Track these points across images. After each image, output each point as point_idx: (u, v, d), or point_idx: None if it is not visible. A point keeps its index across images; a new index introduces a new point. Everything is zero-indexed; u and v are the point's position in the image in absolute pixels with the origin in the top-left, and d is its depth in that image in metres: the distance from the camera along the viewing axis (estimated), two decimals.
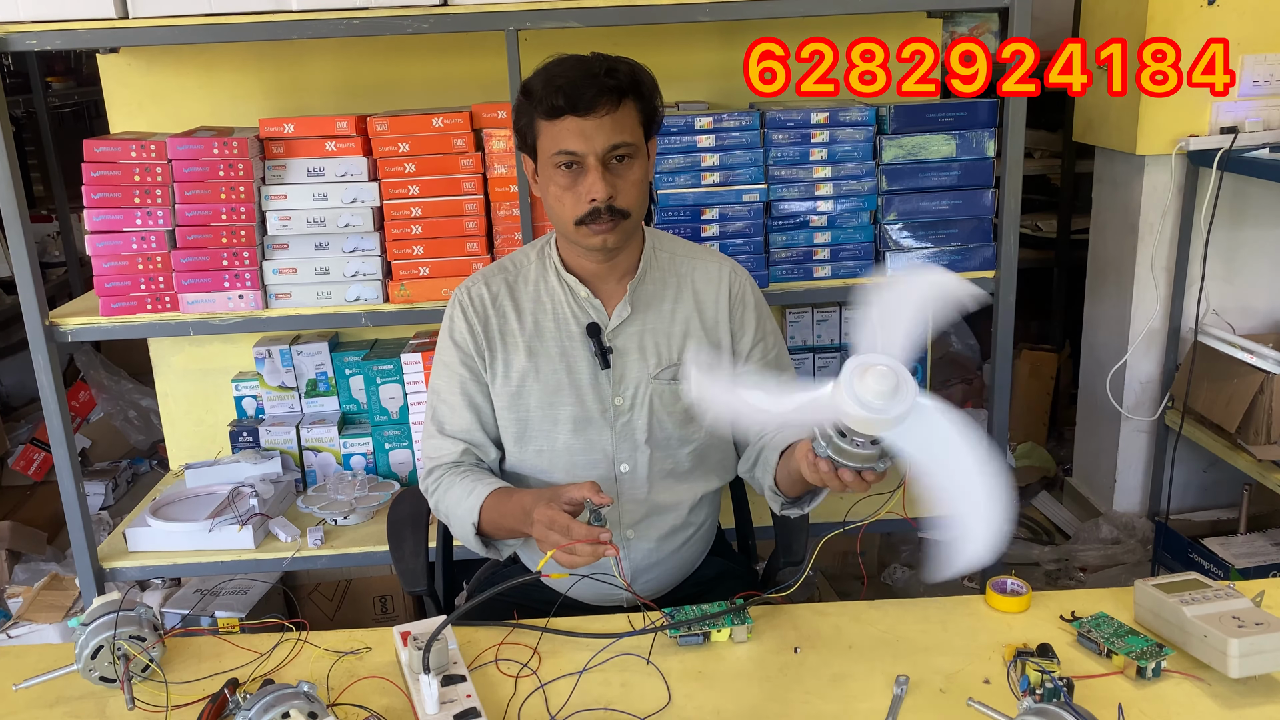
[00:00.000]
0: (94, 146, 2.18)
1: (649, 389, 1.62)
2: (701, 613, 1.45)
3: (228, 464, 2.50)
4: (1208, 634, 1.28)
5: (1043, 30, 3.72)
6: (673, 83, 2.47)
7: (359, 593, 2.83)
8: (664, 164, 2.23)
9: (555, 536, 1.36)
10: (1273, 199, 2.90)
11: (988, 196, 2.26)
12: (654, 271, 1.65)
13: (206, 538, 2.30)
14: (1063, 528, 3.30)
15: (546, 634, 1.45)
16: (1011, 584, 1.49)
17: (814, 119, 2.24)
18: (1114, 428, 3.14)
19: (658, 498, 1.66)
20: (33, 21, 2.06)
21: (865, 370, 1.15)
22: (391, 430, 2.54)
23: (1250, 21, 2.77)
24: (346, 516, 2.37)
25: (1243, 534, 2.87)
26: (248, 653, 1.44)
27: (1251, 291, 2.98)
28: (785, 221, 2.27)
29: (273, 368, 2.58)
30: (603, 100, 1.47)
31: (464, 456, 1.64)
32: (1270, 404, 2.59)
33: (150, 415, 3.83)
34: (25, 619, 2.58)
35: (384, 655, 1.43)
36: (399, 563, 1.72)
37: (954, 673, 1.35)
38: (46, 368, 2.18)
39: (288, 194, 2.23)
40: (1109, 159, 3.12)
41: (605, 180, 1.49)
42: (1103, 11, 3.02)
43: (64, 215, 4.42)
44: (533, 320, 1.63)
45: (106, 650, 1.34)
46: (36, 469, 3.67)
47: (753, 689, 1.34)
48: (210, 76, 2.56)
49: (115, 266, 2.21)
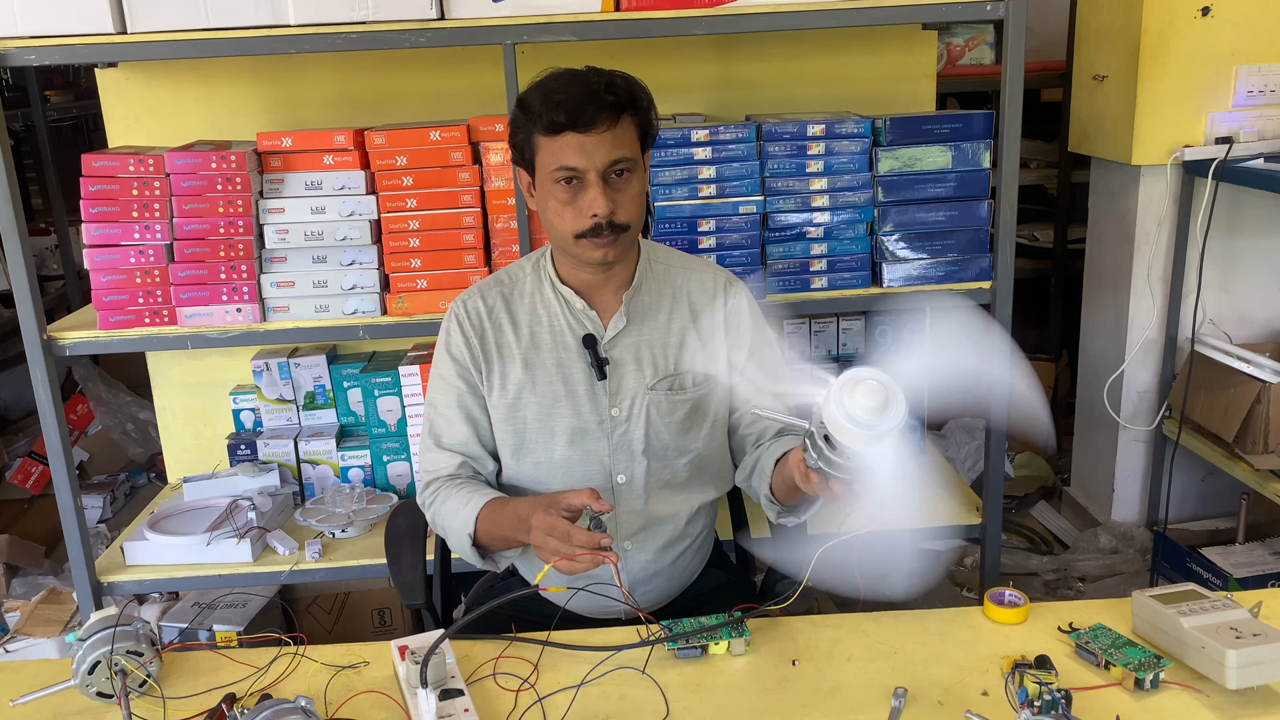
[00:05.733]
0: (92, 160, 2.18)
1: (645, 400, 1.62)
2: (699, 625, 1.45)
3: (226, 477, 2.50)
4: (1205, 645, 1.28)
5: (1038, 41, 3.75)
6: (669, 95, 2.49)
7: (357, 606, 2.82)
8: (660, 176, 2.24)
9: (554, 543, 1.36)
10: (1268, 208, 2.91)
11: (984, 207, 2.27)
12: (650, 283, 1.65)
13: (204, 551, 2.30)
14: (1061, 538, 3.30)
15: (544, 647, 1.45)
16: (1009, 595, 1.50)
17: (810, 131, 2.25)
18: (1112, 437, 3.14)
19: (655, 509, 1.66)
20: (31, 36, 2.07)
21: (855, 385, 1.15)
22: (389, 443, 2.54)
23: (1245, 32, 2.78)
24: (344, 529, 2.37)
25: (1241, 543, 2.87)
26: (245, 667, 1.43)
27: (1248, 301, 2.99)
28: (782, 233, 2.28)
29: (270, 381, 2.59)
30: (603, 116, 1.48)
31: (461, 469, 1.64)
32: (1267, 413, 2.59)
33: (148, 428, 3.83)
34: (22, 633, 2.58)
35: (382, 669, 1.43)
36: (397, 576, 1.72)
37: (952, 685, 1.35)
38: (44, 381, 2.18)
39: (285, 207, 2.24)
40: (1105, 169, 3.13)
41: (606, 195, 1.50)
42: (1098, 22, 3.03)
43: (62, 229, 4.43)
44: (529, 333, 1.63)
45: (104, 665, 1.34)
46: (34, 482, 3.66)
47: (751, 702, 1.33)
48: (208, 90, 2.57)
49: (113, 280, 2.22)
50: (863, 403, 1.14)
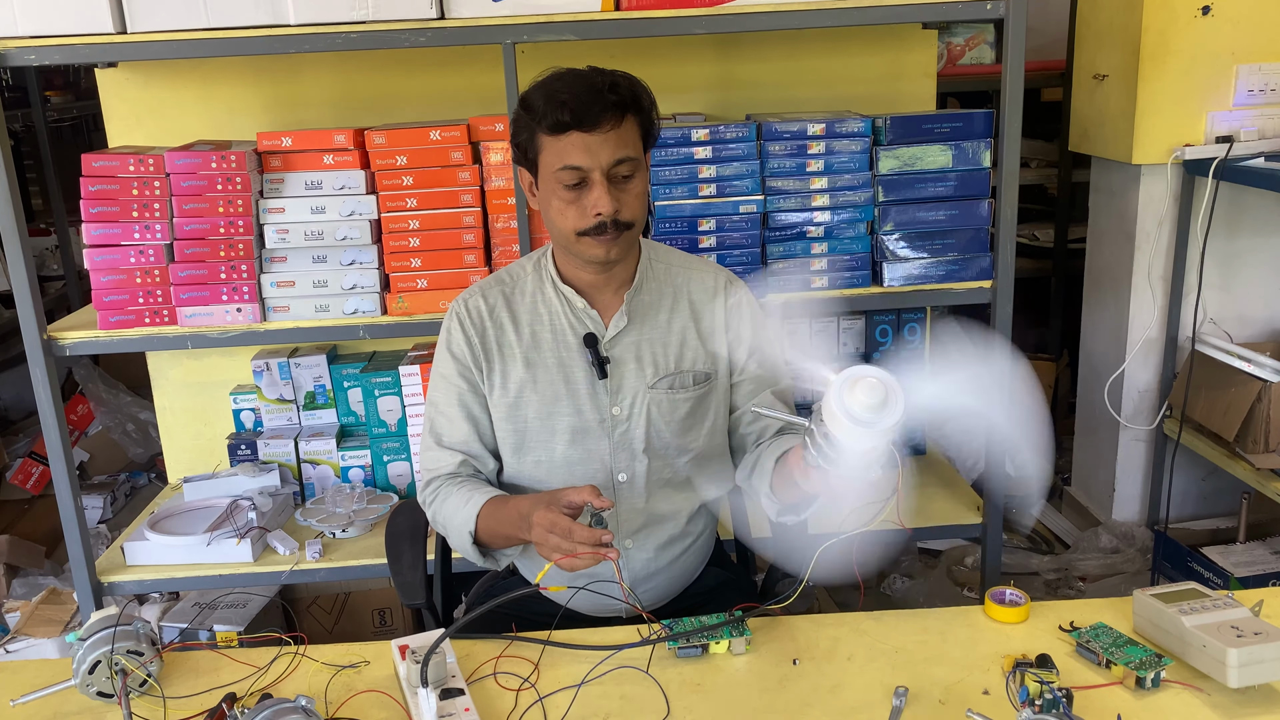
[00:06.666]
0: (92, 160, 2.18)
1: (646, 398, 1.62)
2: (700, 624, 1.45)
3: (226, 477, 2.50)
4: (1206, 644, 1.28)
5: (1039, 41, 3.75)
6: (669, 95, 2.48)
7: (357, 606, 2.82)
8: (661, 176, 2.24)
9: (555, 540, 1.36)
10: (1268, 208, 2.91)
11: (984, 207, 2.27)
12: (650, 282, 1.65)
13: (205, 551, 2.30)
14: (1062, 537, 3.30)
15: (544, 646, 1.45)
16: (1010, 594, 1.49)
17: (810, 130, 2.25)
18: (1112, 437, 3.14)
19: (656, 507, 1.66)
20: (31, 36, 2.07)
21: (855, 382, 1.15)
22: (390, 442, 2.54)
23: (1245, 31, 2.78)
24: (345, 529, 2.37)
25: (1242, 542, 2.87)
26: (246, 667, 1.43)
27: (1248, 300, 2.99)
28: (782, 232, 2.28)
29: (271, 381, 2.59)
30: (607, 116, 1.48)
31: (462, 468, 1.64)
32: (1268, 412, 2.59)
33: (148, 428, 3.83)
34: (23, 633, 2.58)
35: (382, 669, 1.42)
36: (397, 576, 1.72)
37: (953, 684, 1.34)
38: (45, 381, 2.18)
39: (285, 207, 2.24)
40: (1105, 168, 3.13)
41: (610, 194, 1.50)
42: (1098, 22, 3.03)
43: (62, 229, 4.42)
44: (530, 331, 1.63)
45: (104, 665, 1.34)
46: (34, 482, 3.66)
47: (751, 701, 1.33)
48: (208, 90, 2.57)
49: (113, 280, 2.22)
50: (862, 400, 1.14)
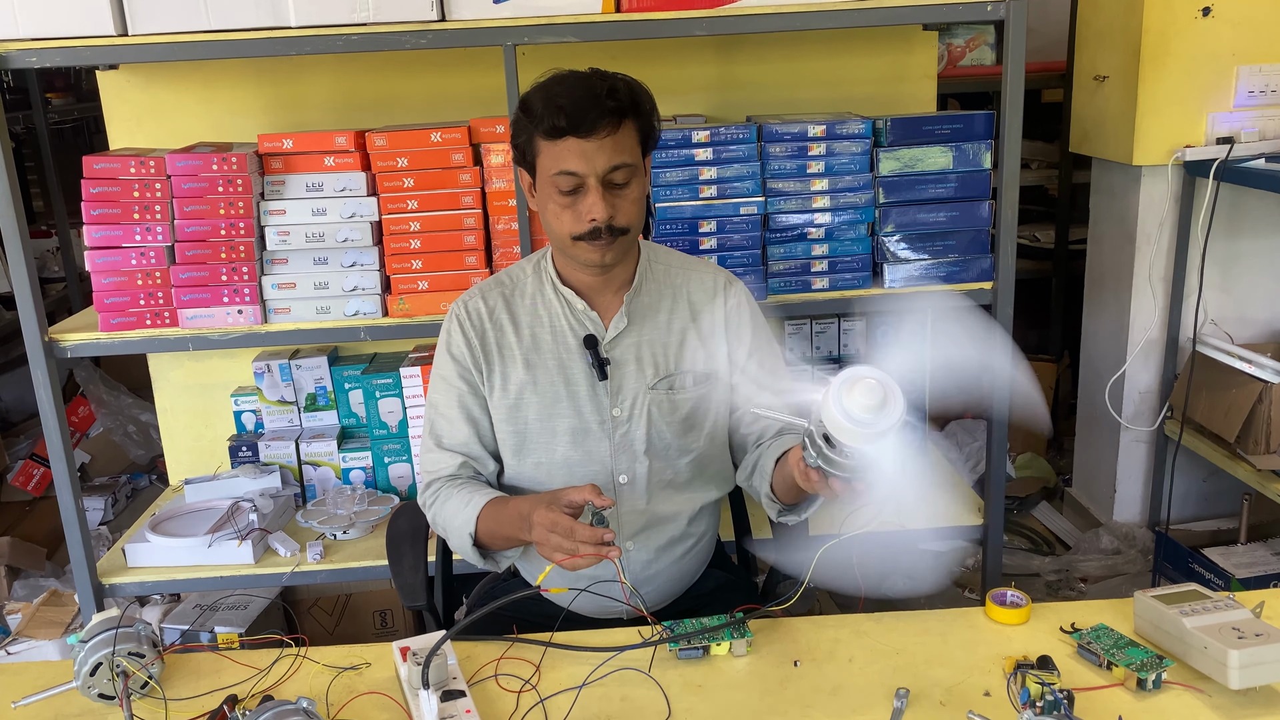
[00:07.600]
0: (93, 162, 2.18)
1: (647, 399, 1.63)
2: (701, 626, 1.45)
3: (227, 479, 2.50)
4: (1208, 645, 1.28)
5: (1039, 42, 3.75)
6: (670, 96, 2.48)
7: (358, 607, 2.82)
8: (662, 177, 2.24)
9: (557, 539, 1.36)
10: (1269, 209, 2.90)
11: (985, 208, 2.27)
12: (650, 283, 1.66)
13: (206, 553, 2.30)
14: (1063, 538, 3.30)
15: (546, 648, 1.45)
16: (1011, 596, 1.49)
17: (811, 132, 2.25)
18: (1113, 438, 3.14)
19: (657, 508, 1.66)
20: (33, 39, 2.07)
21: (854, 383, 1.15)
22: (391, 444, 2.54)
23: (1245, 32, 2.78)
24: (346, 531, 2.37)
25: (1243, 544, 2.87)
26: (247, 669, 1.43)
27: (1249, 301, 2.99)
28: (783, 234, 2.28)
29: (272, 382, 2.59)
30: (604, 122, 1.48)
31: (462, 469, 1.64)
32: (1269, 413, 2.59)
33: (150, 430, 3.83)
34: (24, 635, 2.58)
35: (383, 670, 1.42)
36: (398, 577, 1.72)
37: (954, 685, 1.34)
38: (46, 383, 2.18)
39: (287, 209, 2.24)
40: (1106, 169, 3.13)
41: (605, 200, 1.50)
42: (1099, 23, 3.03)
43: (63, 231, 4.43)
44: (530, 333, 1.64)
45: (105, 667, 1.34)
46: (36, 484, 3.66)
47: (752, 702, 1.33)
48: (209, 92, 2.57)
49: (115, 282, 2.22)
50: (861, 401, 1.15)
